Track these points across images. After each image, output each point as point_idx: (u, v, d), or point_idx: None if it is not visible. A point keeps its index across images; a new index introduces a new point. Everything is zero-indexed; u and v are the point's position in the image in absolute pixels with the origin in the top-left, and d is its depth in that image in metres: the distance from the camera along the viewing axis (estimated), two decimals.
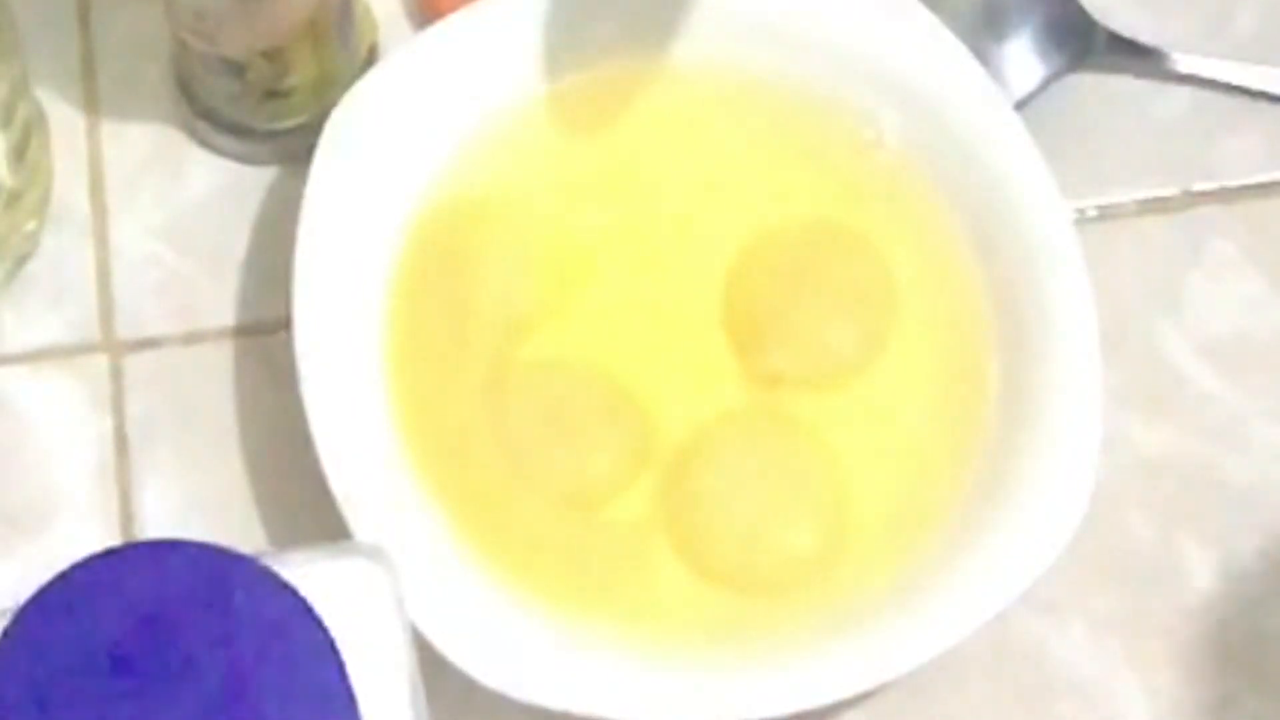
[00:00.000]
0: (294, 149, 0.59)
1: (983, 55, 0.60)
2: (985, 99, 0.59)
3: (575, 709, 0.53)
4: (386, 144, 0.58)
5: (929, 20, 0.59)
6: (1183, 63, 0.62)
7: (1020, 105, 0.61)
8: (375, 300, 0.57)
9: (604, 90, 0.58)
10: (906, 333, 0.58)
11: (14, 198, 0.58)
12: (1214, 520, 0.59)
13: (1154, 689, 0.57)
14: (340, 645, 0.37)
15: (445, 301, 0.57)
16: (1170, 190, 0.62)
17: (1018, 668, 0.57)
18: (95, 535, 0.57)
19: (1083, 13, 0.63)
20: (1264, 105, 0.63)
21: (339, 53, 0.59)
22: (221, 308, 0.60)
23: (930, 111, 0.59)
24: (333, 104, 0.58)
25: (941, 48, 0.59)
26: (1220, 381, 0.60)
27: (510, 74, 0.59)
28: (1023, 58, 0.62)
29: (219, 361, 0.59)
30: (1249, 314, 0.61)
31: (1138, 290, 0.61)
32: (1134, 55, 0.63)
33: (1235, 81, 0.63)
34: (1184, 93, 0.63)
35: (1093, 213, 0.61)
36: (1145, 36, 0.63)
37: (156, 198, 0.61)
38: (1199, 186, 0.62)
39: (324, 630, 0.37)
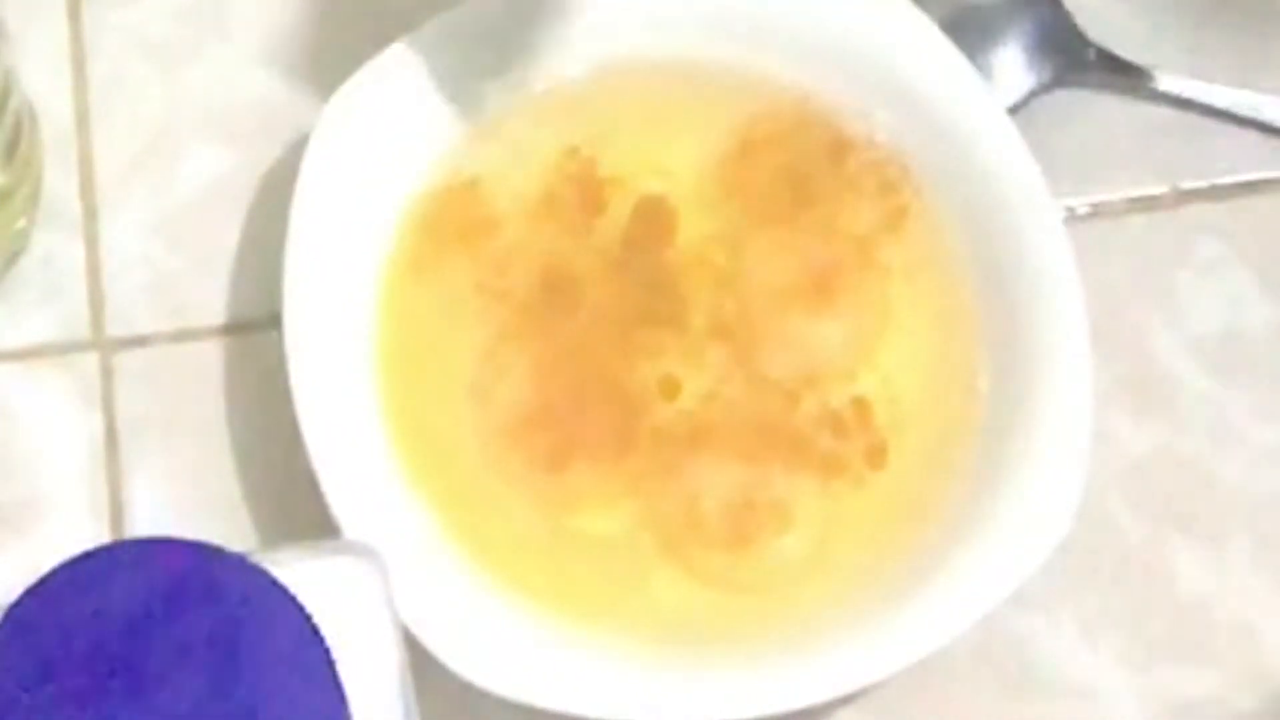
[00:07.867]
0: None
1: (972, 63, 0.60)
2: (975, 97, 0.59)
3: (564, 708, 0.53)
4: (377, 142, 0.58)
5: (919, 18, 0.59)
6: (1172, 84, 0.62)
7: (1008, 113, 0.61)
8: (365, 298, 0.57)
9: (595, 87, 0.57)
10: (897, 332, 0.58)
11: (4, 195, 0.58)
12: (1204, 518, 0.59)
13: (1144, 688, 0.57)
14: (330, 643, 0.37)
15: (435, 300, 0.57)
16: (1160, 188, 0.62)
17: (1008, 667, 0.57)
18: (85, 533, 0.57)
19: (1074, 28, 0.63)
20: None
21: None
22: (212, 305, 0.60)
23: (920, 109, 0.59)
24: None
25: (932, 45, 0.59)
26: (1210, 379, 0.60)
27: (503, 71, 0.59)
28: (1011, 70, 0.62)
29: (209, 359, 0.59)
30: (1238, 311, 0.61)
31: (1127, 288, 0.61)
32: (1123, 73, 0.62)
33: (1222, 106, 0.62)
34: None
35: (1083, 211, 0.61)
36: (1135, 54, 0.63)
37: (147, 195, 0.61)
38: (1188, 184, 0.62)
39: (314, 628, 0.37)
